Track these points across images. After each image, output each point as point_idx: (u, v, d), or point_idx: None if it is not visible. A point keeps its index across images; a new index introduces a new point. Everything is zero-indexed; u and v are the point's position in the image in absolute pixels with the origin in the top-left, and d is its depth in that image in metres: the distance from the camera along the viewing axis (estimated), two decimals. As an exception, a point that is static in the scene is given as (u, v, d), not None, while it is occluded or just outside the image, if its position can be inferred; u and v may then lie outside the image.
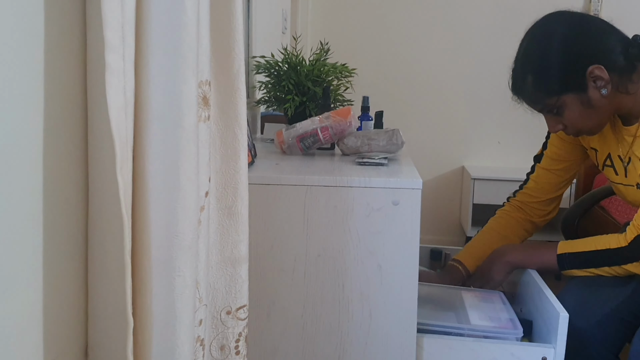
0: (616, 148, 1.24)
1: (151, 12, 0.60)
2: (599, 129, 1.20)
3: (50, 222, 0.61)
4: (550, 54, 1.14)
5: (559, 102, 1.15)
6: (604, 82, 1.11)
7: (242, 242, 0.81)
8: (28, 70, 0.57)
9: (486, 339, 1.11)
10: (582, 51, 1.13)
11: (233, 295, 0.82)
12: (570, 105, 1.15)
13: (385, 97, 3.15)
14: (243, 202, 0.80)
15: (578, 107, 1.14)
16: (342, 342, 1.11)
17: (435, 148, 3.26)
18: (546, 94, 1.15)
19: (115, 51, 0.54)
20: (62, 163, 0.63)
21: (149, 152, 0.61)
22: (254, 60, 1.78)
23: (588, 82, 1.12)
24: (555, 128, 1.20)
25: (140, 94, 0.61)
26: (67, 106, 0.63)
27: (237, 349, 0.83)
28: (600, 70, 1.11)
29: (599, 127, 1.20)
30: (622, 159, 1.23)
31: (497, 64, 3.17)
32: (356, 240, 1.07)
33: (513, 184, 2.89)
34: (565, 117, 1.17)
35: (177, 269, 0.63)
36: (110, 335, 0.64)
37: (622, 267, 1.17)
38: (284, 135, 1.35)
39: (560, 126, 1.20)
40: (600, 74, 1.11)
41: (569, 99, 1.14)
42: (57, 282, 0.63)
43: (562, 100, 1.14)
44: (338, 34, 3.19)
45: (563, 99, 1.14)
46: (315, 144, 1.33)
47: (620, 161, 1.24)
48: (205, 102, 0.70)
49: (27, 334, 0.59)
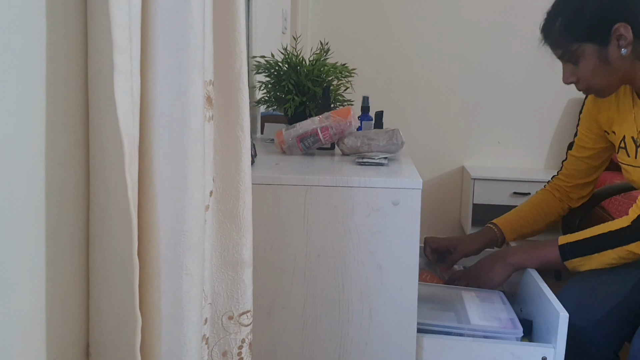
0: (632, 130, 1.27)
1: (157, 12, 0.60)
2: (608, 92, 1.24)
3: (52, 221, 0.61)
4: (585, 2, 1.17)
5: (579, 51, 1.18)
6: (627, 42, 1.14)
7: (245, 246, 0.80)
8: (29, 70, 0.57)
9: (486, 338, 1.11)
10: (615, 6, 1.16)
11: (235, 299, 0.81)
12: (588, 56, 1.18)
13: (385, 97, 3.15)
14: (245, 205, 0.79)
15: (595, 60, 1.18)
16: (342, 342, 1.11)
17: (435, 148, 3.26)
18: (570, 39, 1.19)
19: (123, 51, 0.54)
20: (64, 162, 0.63)
21: (156, 152, 0.62)
22: (254, 60, 1.78)
23: (612, 37, 1.15)
24: (569, 79, 1.25)
25: (147, 94, 0.61)
26: (68, 106, 0.63)
27: (240, 355, 0.82)
28: (626, 29, 1.14)
29: (608, 89, 1.23)
30: (635, 141, 1.27)
31: (497, 64, 3.18)
32: (356, 240, 1.07)
33: (513, 184, 2.93)
34: (580, 68, 1.21)
35: (184, 268, 0.63)
36: (115, 334, 0.64)
37: (627, 250, 1.17)
38: (284, 135, 1.35)
39: (573, 78, 1.24)
40: (625, 33, 1.14)
41: (589, 49, 1.17)
42: (58, 281, 0.63)
43: (583, 48, 1.18)
44: (338, 34, 3.19)
45: (584, 47, 1.18)
46: (315, 144, 1.34)
47: (633, 143, 1.27)
48: (209, 102, 0.70)
49: (29, 333, 0.59)
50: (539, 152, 3.21)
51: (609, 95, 1.25)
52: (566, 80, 1.26)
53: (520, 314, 1.22)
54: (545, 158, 3.21)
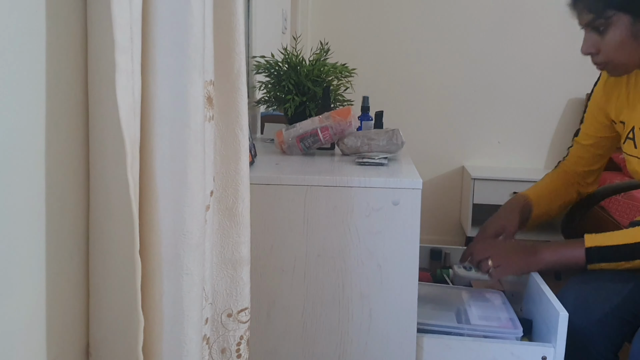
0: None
1: (158, 12, 0.60)
2: (624, 70, 1.21)
3: (52, 221, 0.61)
4: None
5: (611, 19, 1.14)
6: None
7: (243, 244, 0.81)
8: (30, 70, 0.57)
9: (486, 338, 1.11)
10: None
11: (234, 297, 0.81)
12: (618, 27, 1.15)
13: (385, 97, 3.15)
14: (244, 204, 0.80)
15: (625, 32, 1.14)
16: (342, 342, 1.11)
17: (435, 148, 3.26)
18: (605, 4, 1.14)
19: (124, 52, 0.54)
20: (65, 162, 0.63)
21: (157, 152, 0.62)
22: (254, 60, 1.78)
23: None
24: (589, 49, 1.21)
25: (148, 94, 0.61)
26: (69, 106, 0.63)
27: (239, 352, 0.83)
28: None
29: (625, 68, 1.20)
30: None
31: (497, 64, 3.18)
32: (356, 240, 1.07)
33: (513, 184, 2.93)
34: (605, 39, 1.17)
35: (185, 268, 0.64)
36: (116, 334, 0.64)
37: None
38: (284, 135, 1.35)
39: (593, 49, 1.20)
40: None
41: (621, 19, 1.14)
42: (58, 281, 0.63)
43: (615, 18, 1.14)
44: (338, 34, 3.19)
45: (617, 17, 1.14)
46: (315, 144, 1.34)
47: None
48: (210, 102, 0.70)
49: (29, 332, 0.59)
50: (539, 152, 3.21)
51: (622, 75, 1.23)
52: (585, 51, 1.21)
53: (520, 314, 1.22)
54: (545, 158, 3.21)
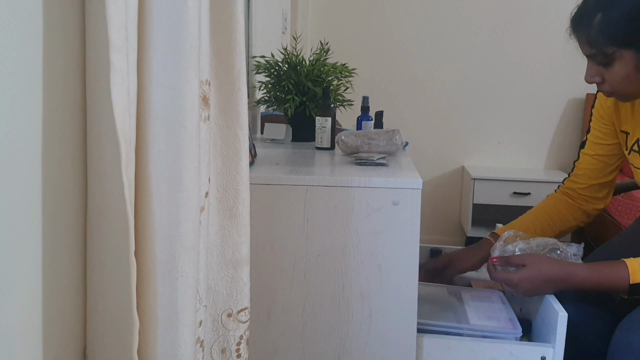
0: None
1: (153, 12, 0.60)
2: (632, 98, 1.15)
3: (49, 223, 0.61)
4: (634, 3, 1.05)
5: (615, 54, 1.07)
6: None
7: (243, 244, 0.81)
8: (26, 70, 0.56)
9: (485, 338, 1.11)
10: None
11: (234, 297, 0.81)
12: (624, 61, 1.08)
13: (385, 97, 3.15)
14: (244, 204, 0.80)
15: (630, 67, 1.07)
16: (342, 342, 1.11)
17: (435, 148, 3.26)
18: (608, 41, 1.07)
19: (119, 51, 0.54)
20: (61, 163, 0.63)
21: (152, 152, 0.61)
22: (254, 60, 1.78)
23: None
24: (593, 79, 1.14)
25: (143, 94, 0.61)
26: (65, 106, 0.63)
27: (239, 352, 0.83)
28: None
29: (633, 96, 1.14)
30: None
31: (497, 64, 3.18)
32: (356, 240, 1.07)
33: (513, 184, 2.93)
34: (610, 72, 1.10)
35: (179, 269, 0.63)
36: (112, 336, 0.64)
37: None
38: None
39: (597, 79, 1.13)
40: None
41: (627, 55, 1.07)
42: (55, 283, 0.63)
43: (620, 53, 1.07)
44: (338, 34, 3.19)
45: (621, 52, 1.07)
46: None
47: None
48: (205, 102, 0.70)
49: (26, 335, 0.59)
50: (539, 152, 3.21)
51: (632, 100, 1.17)
52: (590, 80, 1.14)
53: (519, 314, 1.22)
54: (545, 158, 3.21)
